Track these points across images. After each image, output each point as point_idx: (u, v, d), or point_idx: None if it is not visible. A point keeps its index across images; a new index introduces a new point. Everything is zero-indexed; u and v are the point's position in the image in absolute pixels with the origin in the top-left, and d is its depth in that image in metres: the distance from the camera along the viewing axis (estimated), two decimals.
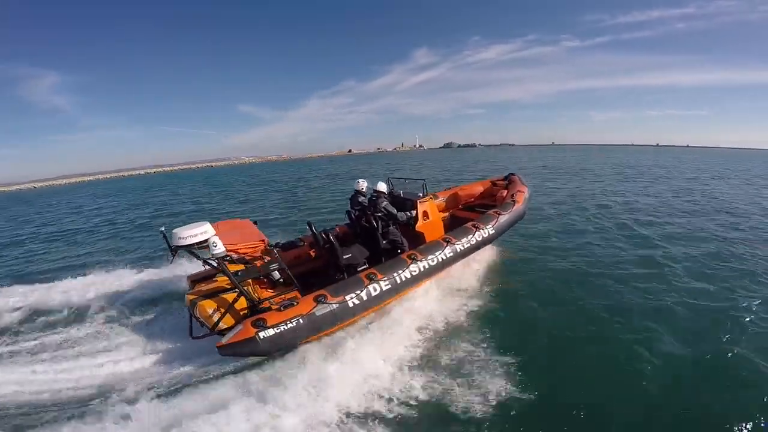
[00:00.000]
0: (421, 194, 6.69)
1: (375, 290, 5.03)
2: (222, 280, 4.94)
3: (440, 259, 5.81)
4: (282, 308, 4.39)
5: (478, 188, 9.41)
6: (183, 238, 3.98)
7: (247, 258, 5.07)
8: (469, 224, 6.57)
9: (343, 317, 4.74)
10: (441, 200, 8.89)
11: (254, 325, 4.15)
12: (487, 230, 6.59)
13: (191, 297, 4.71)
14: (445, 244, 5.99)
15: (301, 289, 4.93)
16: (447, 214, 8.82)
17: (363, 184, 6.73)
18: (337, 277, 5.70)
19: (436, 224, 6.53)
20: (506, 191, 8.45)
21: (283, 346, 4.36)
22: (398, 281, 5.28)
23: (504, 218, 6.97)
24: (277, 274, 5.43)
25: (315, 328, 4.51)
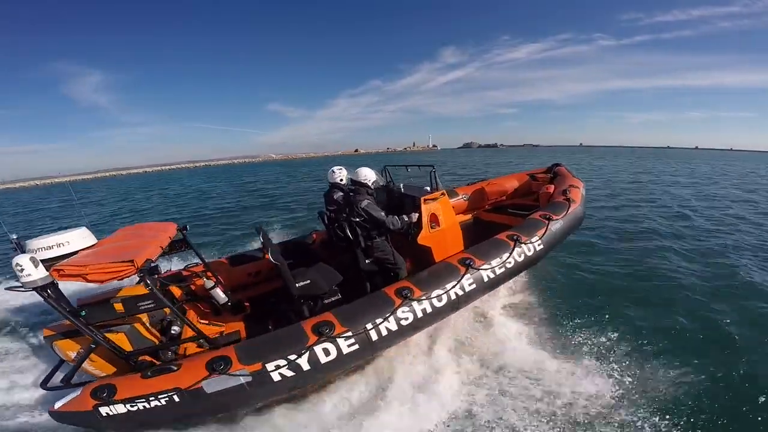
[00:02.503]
0: (428, 188, 4.40)
1: (326, 354, 3.01)
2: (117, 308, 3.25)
3: (451, 298, 3.54)
4: (151, 374, 2.84)
5: (512, 183, 7.02)
6: (32, 251, 2.72)
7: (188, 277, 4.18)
8: (504, 235, 4.27)
9: (256, 395, 2.90)
10: (461, 198, 6.64)
11: (95, 394, 2.77)
12: (533, 243, 4.24)
13: (49, 332, 3.18)
14: (462, 269, 3.70)
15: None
16: (469, 216, 6.81)
17: (340, 174, 4.55)
18: (288, 313, 3.79)
19: (451, 234, 4.16)
20: (552, 187, 6.09)
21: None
22: (373, 337, 3.17)
23: (556, 224, 4.60)
24: (222, 297, 4.17)
25: (208, 409, 2.87)
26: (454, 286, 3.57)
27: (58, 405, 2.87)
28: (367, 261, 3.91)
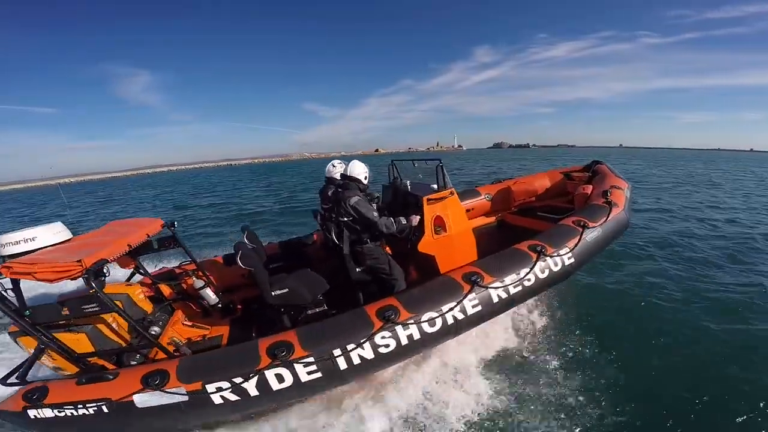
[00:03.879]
0: (435, 186, 3.73)
1: (279, 380, 2.56)
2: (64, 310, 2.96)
3: (447, 322, 2.91)
4: (86, 380, 2.68)
5: (543, 182, 6.20)
6: (2, 246, 2.75)
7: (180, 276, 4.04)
8: (525, 245, 3.53)
9: (191, 417, 2.62)
10: (484, 198, 5.93)
11: (27, 395, 2.66)
12: (561, 256, 3.46)
13: (14, 328, 2.98)
14: (466, 286, 3.04)
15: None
16: (493, 219, 6.08)
17: (338, 169, 4.02)
18: (273, 322, 3.41)
19: (461, 241, 3.50)
20: (590, 187, 5.26)
21: None
22: (340, 365, 2.64)
23: (593, 233, 3.78)
24: (213, 298, 3.95)
25: (136, 425, 2.61)
26: (452, 308, 2.91)
27: None
28: (357, 269, 3.35)
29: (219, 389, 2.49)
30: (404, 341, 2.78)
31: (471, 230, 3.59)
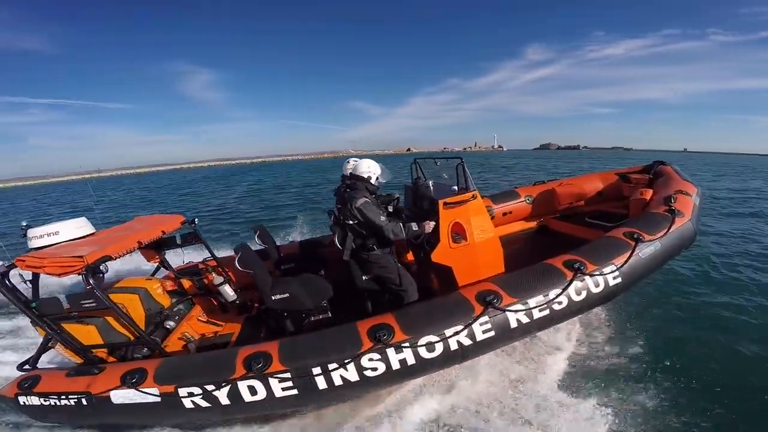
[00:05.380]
0: (455, 187, 3.29)
1: (251, 392, 2.44)
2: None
3: (450, 348, 2.52)
4: (74, 373, 2.82)
5: (594, 184, 5.53)
6: (29, 239, 2.96)
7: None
8: (560, 260, 2.99)
9: (163, 417, 2.71)
10: (523, 201, 5.40)
11: (21, 383, 2.85)
12: (605, 276, 2.91)
13: None
14: (478, 307, 2.61)
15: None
16: (534, 224, 5.58)
17: (351, 166, 3.68)
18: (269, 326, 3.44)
19: (484, 251, 3.07)
20: (650, 192, 4.56)
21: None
22: (319, 385, 2.43)
23: (649, 248, 3.16)
24: (231, 295, 3.95)
25: (112, 421, 2.74)
26: (459, 332, 2.52)
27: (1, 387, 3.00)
28: (364, 277, 3.09)
29: (191, 394, 2.45)
30: (395, 365, 2.46)
31: (497, 239, 3.17)
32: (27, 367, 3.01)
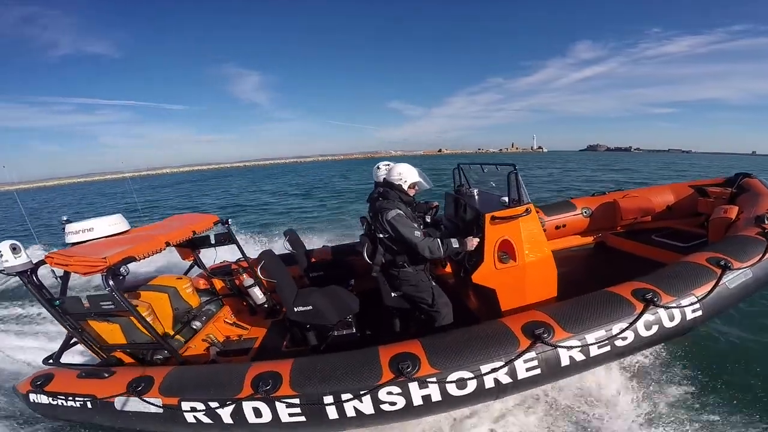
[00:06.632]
0: (505, 198, 2.95)
1: (256, 414, 2.28)
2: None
3: (485, 385, 2.19)
4: (85, 375, 2.83)
5: (664, 196, 4.92)
6: (66, 234, 3.02)
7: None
8: (627, 289, 2.56)
9: (165, 428, 2.57)
10: (580, 213, 4.93)
11: (34, 380, 2.90)
12: (683, 308, 2.45)
13: None
14: (524, 341, 2.25)
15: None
16: (591, 239, 5.12)
17: (382, 171, 3.38)
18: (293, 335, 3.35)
19: (535, 274, 2.73)
20: (735, 209, 3.95)
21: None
22: (329, 414, 2.22)
23: (738, 278, 2.65)
24: (260, 297, 3.96)
25: (113, 426, 2.70)
26: (497, 369, 2.17)
27: (18, 382, 3.06)
28: (393, 294, 2.84)
29: (193, 409, 2.35)
30: (417, 401, 2.19)
31: (552, 259, 2.80)
32: (50, 361, 3.05)
